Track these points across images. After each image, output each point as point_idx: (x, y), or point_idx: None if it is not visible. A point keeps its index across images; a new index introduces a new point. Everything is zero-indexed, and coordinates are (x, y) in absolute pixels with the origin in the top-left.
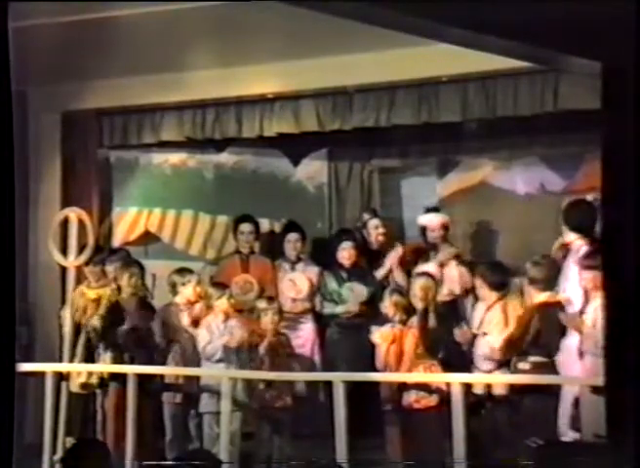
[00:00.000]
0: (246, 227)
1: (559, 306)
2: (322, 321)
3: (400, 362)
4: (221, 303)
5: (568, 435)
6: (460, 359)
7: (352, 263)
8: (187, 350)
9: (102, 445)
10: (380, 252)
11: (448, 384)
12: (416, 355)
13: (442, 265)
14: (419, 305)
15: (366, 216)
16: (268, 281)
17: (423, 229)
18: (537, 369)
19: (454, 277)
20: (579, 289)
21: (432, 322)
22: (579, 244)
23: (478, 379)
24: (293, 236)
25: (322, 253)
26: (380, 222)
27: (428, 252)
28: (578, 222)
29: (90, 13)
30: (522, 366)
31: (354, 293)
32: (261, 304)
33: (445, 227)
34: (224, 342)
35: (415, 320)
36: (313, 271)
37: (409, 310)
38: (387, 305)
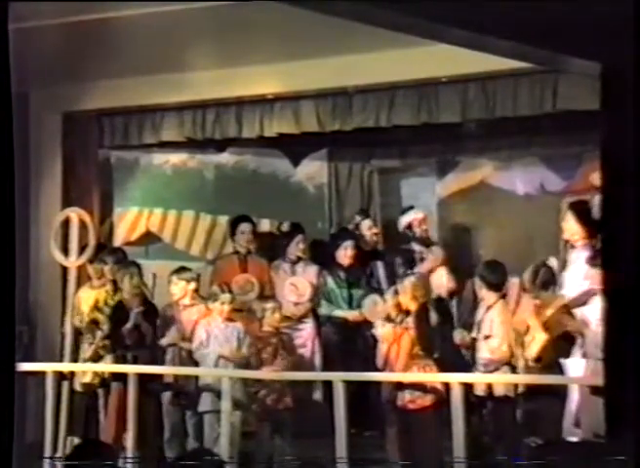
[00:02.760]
0: (245, 227)
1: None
2: (322, 320)
3: (397, 362)
4: (221, 304)
5: (572, 434)
6: (456, 359)
7: (351, 263)
8: (186, 350)
9: (106, 445)
10: (373, 252)
11: (444, 384)
12: (411, 355)
13: (431, 270)
14: (411, 305)
15: (358, 218)
16: (266, 281)
17: (409, 227)
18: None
19: (442, 281)
20: (583, 288)
21: (427, 321)
22: (583, 244)
23: (478, 379)
24: (298, 237)
25: (321, 254)
26: (373, 222)
27: (417, 251)
28: (581, 223)
29: (90, 14)
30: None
31: (357, 302)
32: (269, 304)
33: (424, 223)
34: (219, 352)
35: (409, 320)
36: (313, 271)
37: (408, 310)
38: (390, 305)
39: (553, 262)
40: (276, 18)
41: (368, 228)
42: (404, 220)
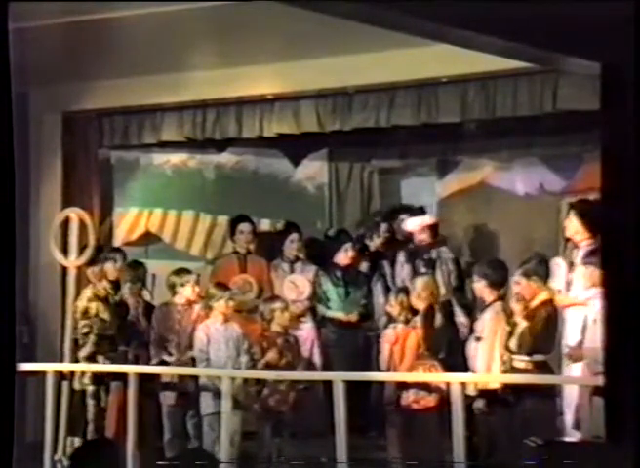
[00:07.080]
0: (244, 227)
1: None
2: (319, 320)
3: (402, 362)
4: (220, 305)
5: (571, 434)
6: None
7: (349, 265)
8: (185, 350)
9: (110, 443)
10: (381, 254)
11: (447, 384)
12: (417, 355)
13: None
14: (420, 305)
15: (377, 219)
16: (265, 281)
17: (410, 235)
18: (535, 368)
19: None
20: (583, 287)
21: (435, 322)
22: (583, 243)
23: (478, 379)
24: (294, 236)
25: (318, 253)
26: (388, 227)
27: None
28: (582, 223)
29: (90, 14)
30: (519, 364)
31: (353, 301)
32: (277, 304)
33: (431, 228)
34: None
35: (417, 319)
36: (311, 271)
37: (413, 310)
38: (393, 304)
39: (558, 260)
40: (276, 18)
41: (386, 231)
42: (408, 226)
